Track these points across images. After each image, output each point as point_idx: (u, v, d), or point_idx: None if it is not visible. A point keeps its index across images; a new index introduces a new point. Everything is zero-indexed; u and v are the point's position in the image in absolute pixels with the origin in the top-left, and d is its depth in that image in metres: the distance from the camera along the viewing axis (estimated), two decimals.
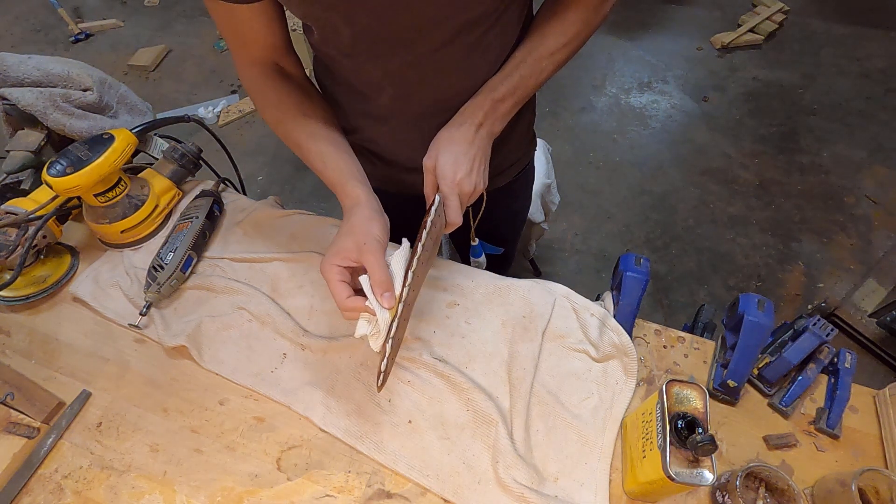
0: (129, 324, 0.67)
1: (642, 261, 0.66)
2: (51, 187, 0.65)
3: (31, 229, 0.67)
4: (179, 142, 0.86)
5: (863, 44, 2.56)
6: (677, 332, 0.67)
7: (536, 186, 1.28)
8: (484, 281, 0.70)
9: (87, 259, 0.76)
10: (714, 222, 1.93)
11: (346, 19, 0.50)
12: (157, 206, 0.77)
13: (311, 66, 0.70)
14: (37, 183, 0.78)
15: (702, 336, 0.71)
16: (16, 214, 0.68)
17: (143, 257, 0.75)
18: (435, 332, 0.66)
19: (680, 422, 0.47)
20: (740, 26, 2.64)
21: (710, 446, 0.44)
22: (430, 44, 0.53)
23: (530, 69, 0.57)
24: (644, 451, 0.51)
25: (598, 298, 0.71)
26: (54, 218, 0.71)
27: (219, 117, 2.46)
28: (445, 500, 0.54)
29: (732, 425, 0.59)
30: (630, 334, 0.64)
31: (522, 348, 0.63)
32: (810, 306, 1.67)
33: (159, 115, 0.85)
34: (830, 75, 2.44)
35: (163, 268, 0.68)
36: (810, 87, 2.39)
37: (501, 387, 0.61)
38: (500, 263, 1.02)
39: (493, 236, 0.88)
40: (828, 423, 0.58)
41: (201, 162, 0.86)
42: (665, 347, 0.66)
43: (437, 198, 0.53)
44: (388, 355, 0.48)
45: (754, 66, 2.52)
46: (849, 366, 0.60)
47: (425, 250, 0.51)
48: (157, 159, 0.83)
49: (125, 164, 0.71)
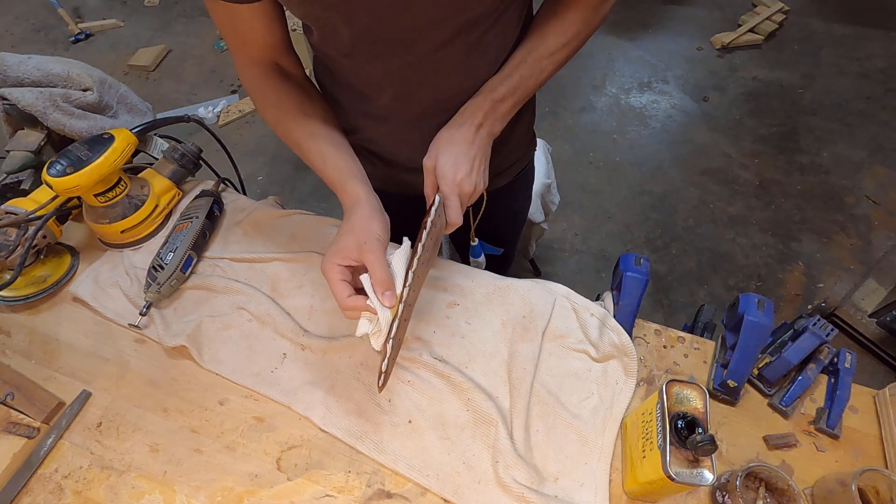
0: (129, 324, 0.67)
1: (642, 261, 0.66)
2: (51, 187, 0.65)
3: (31, 229, 0.67)
4: (179, 142, 0.86)
5: (863, 44, 2.56)
6: (677, 332, 0.67)
7: (536, 186, 1.28)
8: (484, 281, 0.70)
9: (87, 259, 0.76)
10: (714, 222, 1.93)
11: (346, 19, 0.50)
12: (157, 206, 0.77)
13: (311, 66, 0.70)
14: (37, 183, 0.78)
15: (702, 336, 0.71)
16: (16, 214, 0.68)
17: (143, 257, 0.75)
18: (435, 332, 0.66)
19: (680, 422, 0.47)
20: (740, 26, 2.64)
21: (710, 446, 0.44)
22: (429, 44, 0.53)
23: (530, 69, 0.57)
24: (644, 451, 0.51)
25: (598, 298, 0.71)
26: (54, 218, 0.71)
27: (219, 117, 2.46)
28: (445, 500, 0.54)
29: (732, 425, 0.59)
30: (630, 334, 0.64)
31: (522, 348, 0.63)
32: (810, 306, 1.66)
33: (159, 115, 0.85)
34: (830, 75, 2.44)
35: (163, 268, 0.68)
36: (810, 87, 2.39)
37: (501, 387, 0.61)
38: (500, 263, 1.02)
39: (493, 236, 0.88)
40: (828, 423, 0.58)
41: (201, 162, 0.86)
42: (665, 347, 0.66)
43: (437, 198, 0.53)
44: (388, 355, 0.48)
45: (754, 66, 2.52)
46: (849, 366, 0.60)
47: (425, 250, 0.51)
48: (157, 159, 0.83)
49: (125, 164, 0.71)
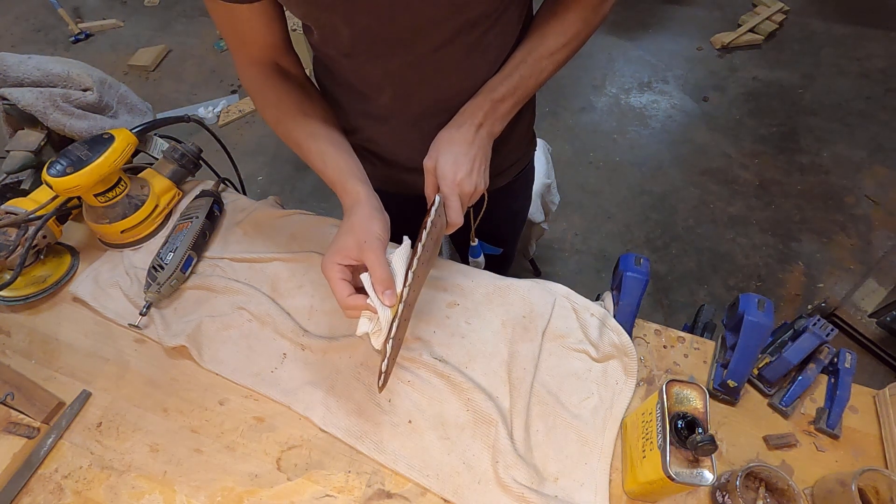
0: (129, 324, 0.67)
1: (642, 261, 0.66)
2: (51, 187, 0.65)
3: (31, 229, 0.67)
4: (179, 142, 0.86)
5: (863, 44, 2.56)
6: (677, 332, 0.67)
7: (536, 186, 1.28)
8: (484, 281, 0.70)
9: (87, 259, 0.76)
10: (714, 222, 1.93)
11: (346, 19, 0.50)
12: (157, 206, 0.77)
13: (311, 66, 0.70)
14: (37, 183, 0.78)
15: (702, 336, 0.71)
16: (16, 214, 0.68)
17: (143, 257, 0.75)
18: (435, 332, 0.66)
19: (680, 422, 0.47)
20: (740, 26, 2.64)
21: (710, 446, 0.44)
22: (429, 44, 0.53)
23: (530, 69, 0.57)
24: (644, 451, 0.51)
25: (598, 298, 0.71)
26: (54, 218, 0.71)
27: (219, 117, 2.46)
28: (445, 500, 0.54)
29: (732, 425, 0.59)
30: (630, 334, 0.64)
31: (522, 348, 0.63)
32: (810, 306, 1.66)
33: (159, 115, 0.85)
34: (830, 75, 2.44)
35: (163, 268, 0.68)
36: (810, 87, 2.39)
37: (501, 387, 0.61)
38: (500, 263, 1.02)
39: (493, 236, 0.88)
40: (828, 423, 0.58)
41: (201, 162, 0.86)
42: (665, 347, 0.66)
43: (437, 198, 0.53)
44: (388, 355, 0.48)
45: (754, 66, 2.52)
46: (849, 366, 0.60)
47: (426, 251, 0.51)
48: (157, 159, 0.83)
49: (125, 164, 0.71)
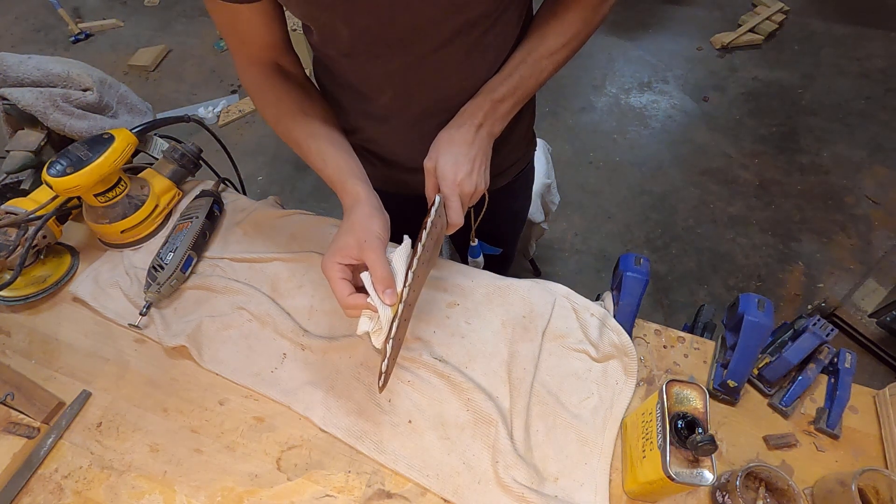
0: (129, 324, 0.67)
1: (642, 261, 0.66)
2: (51, 187, 0.65)
3: (31, 229, 0.67)
4: (179, 142, 0.86)
5: (863, 44, 2.56)
6: (677, 332, 0.67)
7: (536, 186, 1.28)
8: (484, 281, 0.70)
9: (87, 259, 0.76)
10: (714, 222, 1.93)
11: (345, 20, 0.50)
12: (157, 206, 0.77)
13: (311, 66, 0.70)
14: (37, 183, 0.78)
15: (702, 336, 0.71)
16: (16, 214, 0.68)
17: (143, 257, 0.75)
18: (435, 332, 0.66)
19: (680, 422, 0.47)
20: (740, 26, 2.64)
21: (710, 446, 0.44)
22: (429, 44, 0.53)
23: (530, 69, 0.57)
24: (644, 451, 0.51)
25: (598, 298, 0.71)
26: (54, 218, 0.71)
27: (219, 117, 2.46)
28: (445, 500, 0.54)
29: (732, 425, 0.59)
30: (630, 334, 0.64)
31: (522, 348, 0.63)
32: (810, 306, 1.66)
33: (159, 115, 0.85)
34: (830, 75, 2.44)
35: (163, 268, 0.68)
36: (810, 87, 2.39)
37: (501, 387, 0.61)
38: (500, 263, 1.02)
39: (493, 236, 0.88)
40: (828, 423, 0.58)
41: (201, 162, 0.86)
42: (665, 347, 0.66)
43: (437, 198, 0.53)
44: (388, 355, 0.48)
45: (754, 66, 2.52)
46: (849, 366, 0.60)
47: (426, 251, 0.51)
48: (157, 159, 0.83)
49: (125, 164, 0.71)
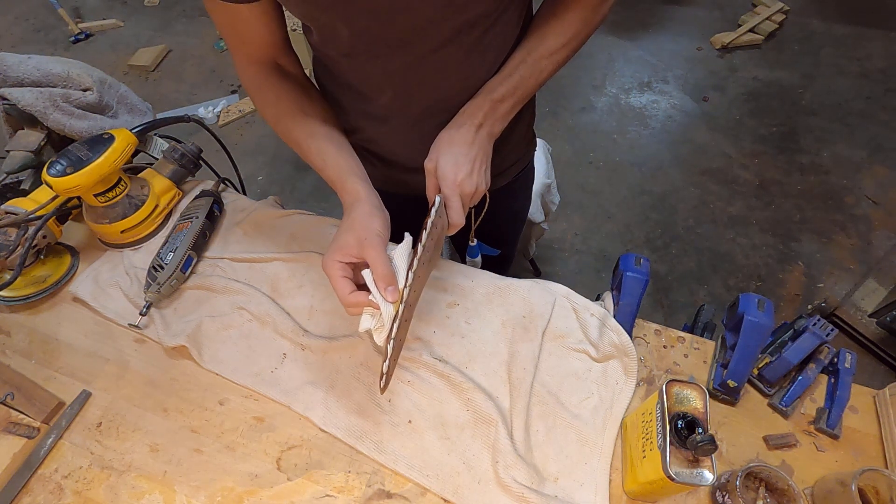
0: (129, 324, 0.67)
1: (642, 261, 0.66)
2: (51, 187, 0.65)
3: (31, 229, 0.67)
4: (179, 142, 0.86)
5: (863, 44, 2.56)
6: (677, 332, 0.67)
7: (536, 186, 1.28)
8: (484, 281, 0.70)
9: (87, 259, 0.76)
10: (714, 222, 1.93)
11: (345, 20, 0.50)
12: (157, 206, 0.77)
13: (311, 67, 0.70)
14: (37, 183, 0.78)
15: (702, 336, 0.71)
16: (16, 214, 0.68)
17: (143, 257, 0.75)
18: (435, 332, 0.66)
19: (680, 422, 0.47)
20: (740, 26, 2.64)
21: (710, 446, 0.44)
22: (428, 44, 0.53)
23: (530, 69, 0.57)
24: (644, 451, 0.51)
25: (598, 298, 0.71)
26: (54, 218, 0.71)
27: (219, 117, 2.46)
28: (445, 500, 0.54)
29: (732, 425, 0.59)
30: (630, 334, 0.64)
31: (522, 348, 0.63)
32: (810, 306, 1.66)
33: (159, 115, 0.85)
34: (830, 75, 2.43)
35: (163, 268, 0.68)
36: (810, 87, 2.39)
37: (501, 387, 0.61)
38: (500, 263, 1.02)
39: (493, 236, 0.88)
40: (828, 423, 0.58)
41: (201, 162, 0.86)
42: (665, 347, 0.66)
43: (437, 199, 0.53)
44: (389, 356, 0.48)
45: (754, 66, 2.52)
46: (849, 366, 0.60)
47: (426, 251, 0.51)
48: (157, 159, 0.83)
49: (125, 164, 0.71)
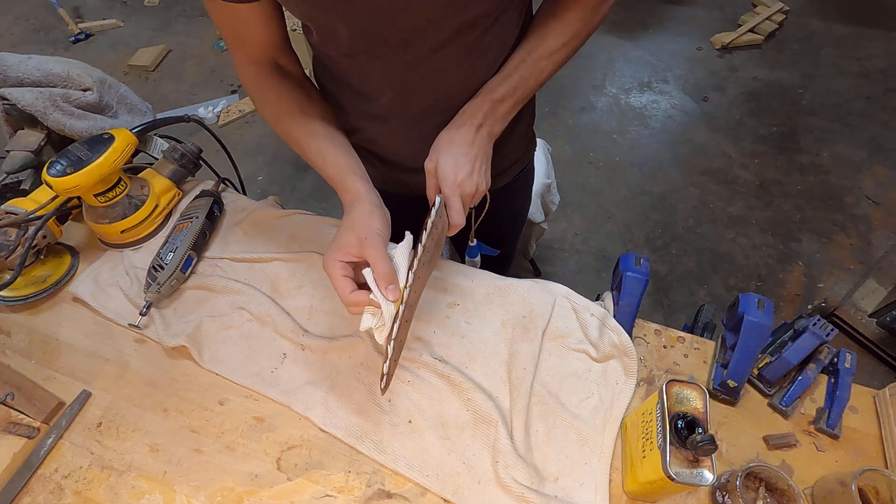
0: (129, 324, 0.67)
1: (642, 261, 0.66)
2: (51, 187, 0.65)
3: (31, 229, 0.67)
4: (179, 142, 0.86)
5: (863, 44, 2.56)
6: (677, 332, 0.67)
7: (536, 186, 1.28)
8: (484, 281, 0.70)
9: (87, 259, 0.76)
10: (714, 222, 1.93)
11: (345, 20, 0.50)
12: (157, 206, 0.77)
13: (311, 67, 0.70)
14: (37, 183, 0.78)
15: (702, 336, 0.71)
16: (16, 214, 0.68)
17: (143, 257, 0.75)
18: (435, 332, 0.66)
19: (680, 422, 0.47)
20: (740, 26, 2.64)
21: (710, 446, 0.44)
22: (428, 44, 0.53)
23: (530, 69, 0.57)
24: (644, 451, 0.51)
25: (598, 298, 0.71)
26: (54, 218, 0.71)
27: (219, 117, 2.46)
28: (445, 500, 0.54)
29: (732, 425, 0.59)
30: (630, 334, 0.64)
31: (522, 348, 0.63)
32: (810, 306, 1.66)
33: (159, 115, 0.85)
34: (830, 75, 2.43)
35: (163, 268, 0.68)
36: (810, 87, 2.39)
37: (501, 387, 0.61)
38: (500, 264, 1.02)
39: (493, 237, 0.88)
40: (828, 423, 0.58)
41: (201, 162, 0.86)
42: (665, 347, 0.66)
43: (438, 199, 0.53)
44: (390, 357, 0.48)
45: (754, 66, 2.52)
46: (849, 366, 0.60)
47: (426, 252, 0.51)
48: (157, 159, 0.83)
49: (125, 164, 0.71)
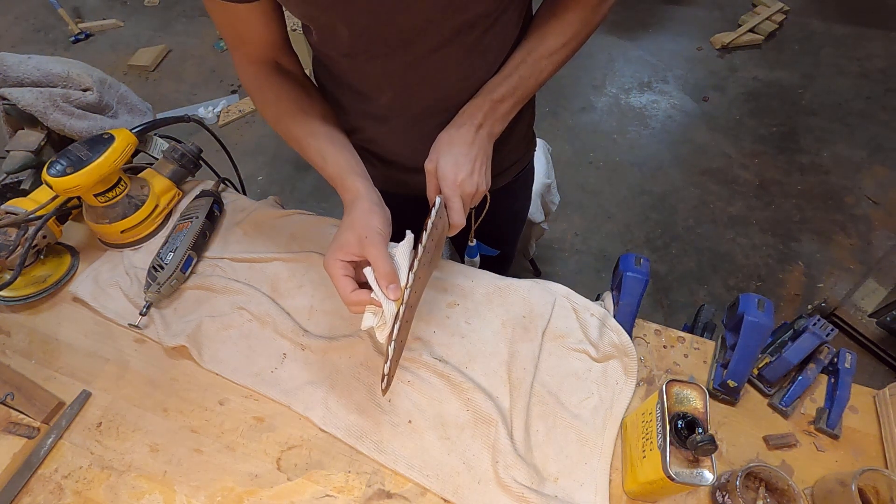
0: (129, 324, 0.67)
1: (642, 261, 0.66)
2: (51, 187, 0.65)
3: (31, 229, 0.67)
4: (179, 142, 0.86)
5: (863, 44, 2.56)
6: (677, 332, 0.67)
7: (536, 186, 1.28)
8: (484, 281, 0.70)
9: (87, 259, 0.76)
10: (714, 222, 1.93)
11: (345, 20, 0.50)
12: (157, 206, 0.77)
13: (311, 67, 0.70)
14: (37, 183, 0.78)
15: (702, 336, 0.71)
16: (16, 214, 0.68)
17: (143, 257, 0.75)
18: (435, 332, 0.66)
19: (680, 422, 0.47)
20: (740, 26, 2.64)
21: (710, 446, 0.44)
22: (428, 44, 0.53)
23: (530, 69, 0.57)
24: (644, 451, 0.51)
25: (598, 298, 0.71)
26: (54, 218, 0.71)
27: (219, 117, 2.46)
28: (445, 500, 0.54)
29: (732, 425, 0.59)
30: (630, 334, 0.64)
31: (522, 348, 0.63)
32: (810, 306, 1.66)
33: (159, 115, 0.85)
34: (830, 75, 2.43)
35: (163, 268, 0.68)
36: (810, 87, 2.39)
37: (501, 387, 0.61)
38: (500, 263, 1.02)
39: (493, 237, 0.88)
40: (828, 423, 0.58)
41: (201, 162, 0.86)
42: (665, 347, 0.66)
43: (438, 199, 0.53)
44: (391, 357, 0.48)
45: (754, 66, 2.52)
46: (849, 366, 0.60)
47: (427, 252, 0.51)
48: (157, 159, 0.83)
49: (125, 164, 0.71)
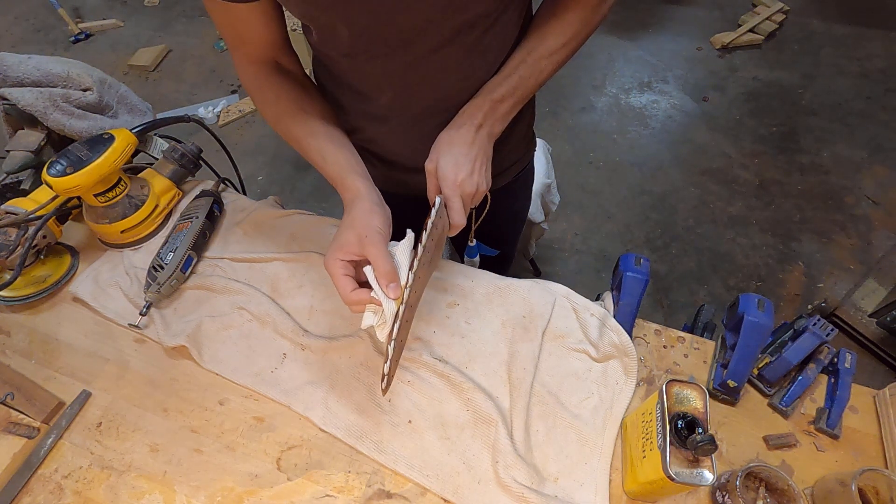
0: (129, 324, 0.67)
1: (642, 261, 0.66)
2: (51, 187, 0.65)
3: (31, 229, 0.67)
4: (179, 142, 0.86)
5: (863, 44, 2.56)
6: (677, 332, 0.67)
7: (536, 186, 1.28)
8: (484, 281, 0.70)
9: (87, 259, 0.76)
10: (714, 222, 1.93)
11: (345, 20, 0.50)
12: (157, 206, 0.77)
13: (311, 67, 0.70)
14: (37, 183, 0.78)
15: (702, 336, 0.71)
16: (16, 214, 0.68)
17: (143, 257, 0.75)
18: (435, 332, 0.66)
19: (680, 422, 0.47)
20: (740, 26, 2.64)
21: (710, 446, 0.44)
22: (428, 44, 0.53)
23: (530, 69, 0.57)
24: (644, 451, 0.51)
25: (598, 298, 0.71)
26: (54, 218, 0.71)
27: (219, 117, 2.46)
28: (445, 500, 0.54)
29: (732, 425, 0.59)
30: (630, 334, 0.64)
31: (522, 348, 0.63)
32: (810, 306, 1.66)
33: (159, 115, 0.85)
34: (830, 75, 2.43)
35: (163, 268, 0.68)
36: (810, 87, 2.39)
37: (501, 387, 0.61)
38: (500, 264, 1.02)
39: (493, 237, 0.88)
40: (828, 423, 0.58)
41: (201, 162, 0.86)
42: (665, 347, 0.66)
43: (438, 200, 0.53)
44: (391, 357, 0.48)
45: (754, 66, 2.52)
46: (849, 366, 0.60)
47: (427, 252, 0.51)
48: (157, 159, 0.83)
49: (125, 164, 0.71)
